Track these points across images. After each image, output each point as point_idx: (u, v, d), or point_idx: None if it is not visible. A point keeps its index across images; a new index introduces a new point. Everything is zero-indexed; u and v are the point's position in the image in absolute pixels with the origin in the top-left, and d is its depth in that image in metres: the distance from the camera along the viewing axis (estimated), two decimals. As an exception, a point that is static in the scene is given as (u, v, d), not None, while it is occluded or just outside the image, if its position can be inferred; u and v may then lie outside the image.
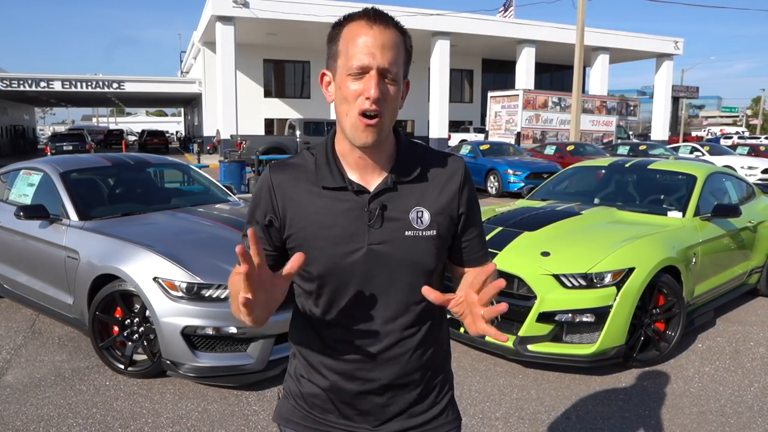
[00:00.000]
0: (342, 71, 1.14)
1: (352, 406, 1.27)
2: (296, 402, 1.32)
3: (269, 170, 1.26)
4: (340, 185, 1.19)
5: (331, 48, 1.18)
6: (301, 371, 1.31)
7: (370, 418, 1.28)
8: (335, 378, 1.25)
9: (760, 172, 17.29)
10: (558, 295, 3.74)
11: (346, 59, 1.13)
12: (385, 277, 1.20)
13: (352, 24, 1.15)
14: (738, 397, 3.61)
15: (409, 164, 1.23)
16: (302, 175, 1.23)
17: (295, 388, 1.32)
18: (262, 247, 1.01)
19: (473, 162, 15.42)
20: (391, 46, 1.12)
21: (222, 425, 3.20)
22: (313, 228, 1.19)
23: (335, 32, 1.17)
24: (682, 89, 44.59)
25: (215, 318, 3.45)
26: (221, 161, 13.71)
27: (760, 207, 5.74)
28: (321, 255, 1.19)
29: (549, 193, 5.87)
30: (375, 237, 1.18)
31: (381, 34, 1.12)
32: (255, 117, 31.28)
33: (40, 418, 3.26)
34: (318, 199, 1.20)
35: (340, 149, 1.22)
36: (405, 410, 1.28)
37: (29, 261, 4.53)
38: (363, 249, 1.18)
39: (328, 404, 1.28)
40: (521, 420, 3.30)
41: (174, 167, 5.66)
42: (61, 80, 32.42)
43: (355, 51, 1.11)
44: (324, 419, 1.30)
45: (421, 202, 1.22)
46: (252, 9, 24.57)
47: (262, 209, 1.24)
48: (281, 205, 1.22)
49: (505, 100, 25.04)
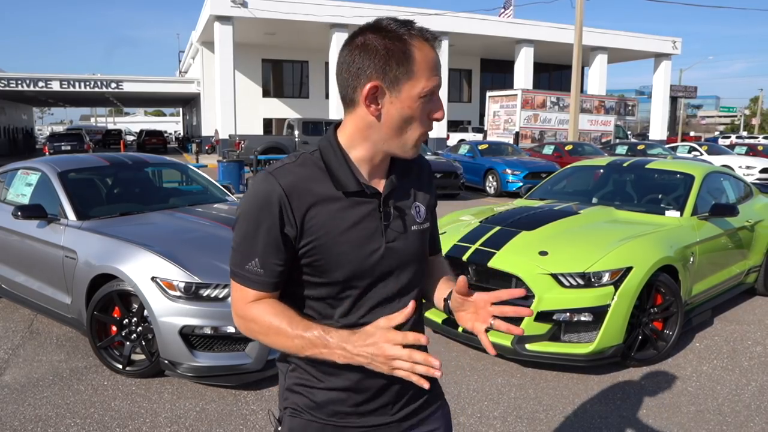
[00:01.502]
0: (414, 92, 1.15)
1: (373, 401, 1.27)
2: (311, 415, 1.27)
3: (272, 176, 1.17)
4: (357, 189, 1.21)
5: (396, 65, 1.13)
6: (311, 382, 1.27)
7: (388, 407, 1.29)
8: (358, 377, 1.23)
9: (758, 171, 17.34)
10: (556, 294, 3.75)
11: (422, 82, 1.15)
12: (398, 271, 1.27)
13: (421, 44, 1.15)
14: (735, 396, 3.62)
15: (401, 163, 1.30)
16: (313, 180, 1.19)
17: (306, 400, 1.27)
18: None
19: (472, 162, 15.42)
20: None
21: (220, 425, 3.20)
22: (336, 233, 1.18)
23: (399, 49, 1.13)
24: (681, 89, 44.61)
25: (213, 317, 3.45)
26: (220, 161, 13.70)
27: (758, 206, 5.75)
28: (345, 259, 1.19)
29: (547, 193, 5.88)
30: (390, 235, 1.24)
31: (438, 57, 1.20)
32: (253, 117, 31.25)
33: (38, 418, 3.26)
34: (337, 204, 1.19)
35: (360, 155, 1.22)
36: (416, 393, 1.33)
37: (27, 261, 4.52)
38: (382, 248, 1.23)
39: (349, 406, 1.26)
40: (519, 419, 3.30)
41: (172, 167, 5.66)
42: (59, 80, 32.37)
43: (430, 75, 1.16)
44: (344, 424, 1.27)
45: (416, 198, 1.32)
46: (250, 9, 24.55)
47: (274, 222, 1.15)
48: (298, 212, 1.16)
49: (504, 99, 25.03)
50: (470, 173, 14.97)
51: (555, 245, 4.04)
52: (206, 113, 30.70)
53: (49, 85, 32.09)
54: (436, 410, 1.39)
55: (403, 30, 1.15)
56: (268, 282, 1.20)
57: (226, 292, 3.48)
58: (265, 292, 1.20)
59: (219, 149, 24.77)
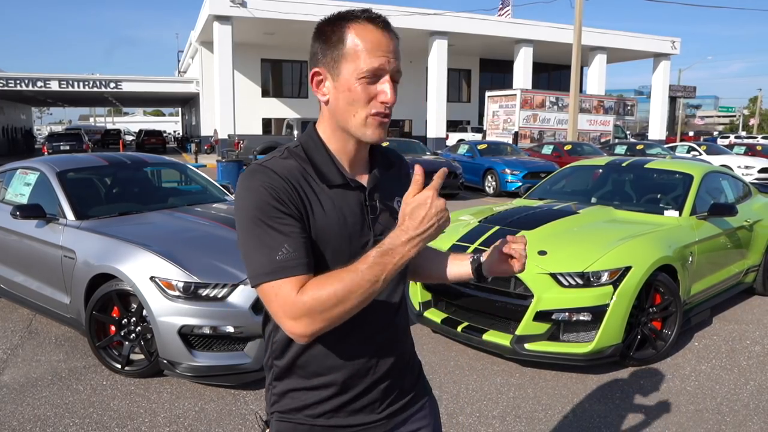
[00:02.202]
0: (352, 73, 1.14)
1: (360, 399, 1.27)
2: (300, 417, 1.27)
3: (262, 167, 1.16)
4: (343, 182, 1.21)
5: (332, 48, 1.15)
6: (297, 384, 1.27)
7: (375, 404, 1.29)
8: (344, 376, 1.24)
9: (757, 171, 17.35)
10: (555, 293, 3.75)
11: (359, 62, 1.13)
12: None
13: (357, 26, 1.14)
14: (734, 396, 3.62)
15: (382, 157, 1.32)
16: (301, 172, 1.20)
17: (294, 403, 1.27)
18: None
19: (471, 161, 15.42)
20: (398, 53, 1.18)
21: (219, 424, 3.20)
22: (327, 227, 1.18)
23: (338, 32, 1.15)
24: (680, 89, 44.65)
25: (212, 317, 3.45)
26: (219, 161, 13.69)
27: (757, 206, 5.75)
28: (336, 253, 1.18)
29: (546, 193, 5.88)
30: (377, 228, 1.24)
31: (391, 40, 1.16)
32: (252, 116, 31.23)
33: (37, 418, 3.25)
34: (325, 197, 1.19)
35: (335, 146, 1.23)
36: (403, 389, 1.34)
37: (26, 261, 4.52)
38: (370, 242, 1.22)
39: (336, 406, 1.26)
40: (518, 419, 3.30)
41: (171, 167, 5.66)
42: (58, 80, 32.35)
43: (369, 55, 1.13)
44: (332, 423, 1.27)
45: (396, 192, 1.30)
46: (249, 8, 24.54)
47: (284, 203, 1.12)
48: (297, 197, 1.14)
49: (503, 99, 25.03)
50: (469, 173, 14.97)
51: (554, 245, 4.05)
52: (205, 113, 30.70)
53: (47, 85, 32.06)
54: (423, 407, 1.40)
55: (346, 13, 1.17)
56: (307, 262, 1.11)
57: (225, 292, 3.48)
58: (307, 274, 1.11)
59: (218, 149, 24.75)
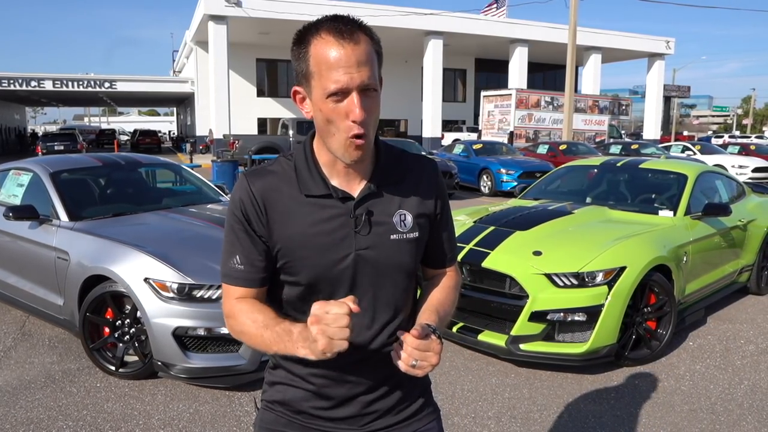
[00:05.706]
0: (319, 93, 1.08)
1: (338, 408, 1.26)
2: (283, 410, 1.30)
3: (245, 179, 1.20)
4: (324, 193, 1.18)
5: (300, 67, 1.11)
6: (284, 380, 1.29)
7: (357, 419, 1.27)
8: (324, 382, 1.24)
9: (751, 170, 17.43)
10: (550, 294, 3.75)
11: (322, 82, 1.06)
12: (372, 280, 1.21)
13: (316, 42, 1.07)
14: (728, 395, 3.63)
15: (389, 168, 1.24)
16: (283, 183, 1.19)
17: (278, 396, 1.30)
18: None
19: (466, 161, 15.43)
20: (366, 61, 1.07)
21: (214, 426, 3.19)
22: (299, 237, 1.17)
23: (301, 50, 1.10)
24: (674, 89, 44.82)
25: (207, 319, 3.44)
26: (214, 161, 13.62)
27: (751, 206, 5.77)
28: (308, 264, 1.18)
29: (541, 193, 5.89)
30: (362, 243, 1.19)
31: (354, 50, 1.05)
32: (248, 116, 31.16)
33: (30, 421, 3.23)
34: (302, 207, 1.18)
35: (323, 158, 1.20)
36: (392, 408, 1.29)
37: (18, 262, 4.49)
38: (351, 255, 1.18)
39: (314, 409, 1.27)
40: (513, 419, 3.31)
41: (165, 167, 5.64)
42: (52, 79, 32.16)
43: (330, 74, 1.05)
44: (311, 425, 1.29)
45: (402, 206, 1.23)
46: (245, 8, 24.49)
47: (247, 221, 1.18)
48: (266, 214, 1.18)
49: (498, 99, 25.05)
50: (465, 173, 14.98)
51: (549, 245, 4.05)
52: (200, 113, 30.59)
53: (41, 85, 31.88)
54: (422, 428, 1.32)
55: (309, 27, 1.10)
56: (251, 278, 1.20)
57: (219, 293, 3.46)
58: (249, 288, 1.21)
59: (213, 149, 24.66)
